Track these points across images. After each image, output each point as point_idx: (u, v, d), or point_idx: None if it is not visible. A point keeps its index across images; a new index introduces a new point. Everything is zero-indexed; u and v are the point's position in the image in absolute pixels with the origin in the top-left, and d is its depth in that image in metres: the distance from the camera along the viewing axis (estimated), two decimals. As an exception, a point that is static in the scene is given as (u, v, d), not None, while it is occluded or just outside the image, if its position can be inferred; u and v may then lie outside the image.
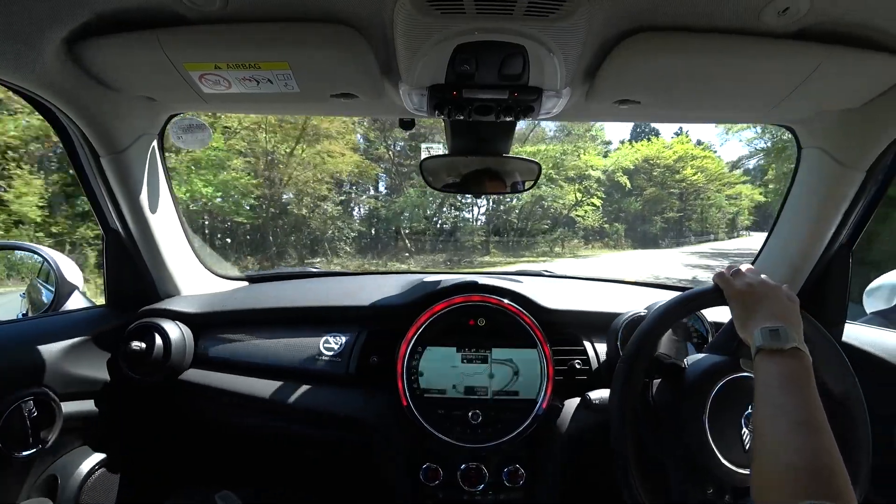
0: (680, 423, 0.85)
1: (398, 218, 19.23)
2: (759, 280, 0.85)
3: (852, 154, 1.08)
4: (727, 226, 30.86)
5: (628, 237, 25.46)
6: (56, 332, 1.13)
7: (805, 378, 0.69)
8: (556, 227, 21.91)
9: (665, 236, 26.82)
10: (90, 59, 0.87)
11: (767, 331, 0.74)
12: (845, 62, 0.83)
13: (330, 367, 1.24)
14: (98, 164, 1.12)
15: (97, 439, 1.20)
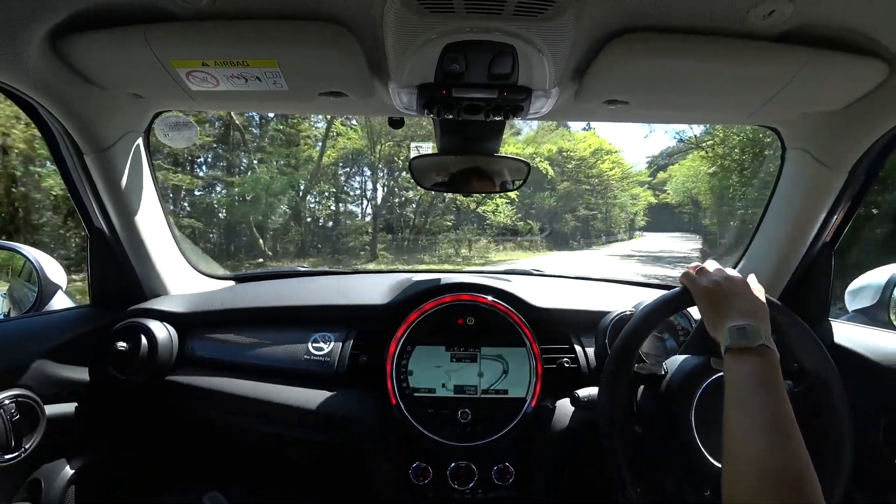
0: (667, 428, 0.85)
1: (245, 207, 14.13)
2: (724, 276, 0.85)
3: (835, 155, 1.10)
4: (627, 226, 30.54)
5: (543, 238, 23.00)
6: (39, 333, 1.11)
7: (773, 377, 0.70)
8: (461, 225, 19.27)
9: (575, 236, 25.20)
10: (75, 55, 0.86)
11: (735, 329, 0.74)
12: (828, 65, 0.84)
13: (318, 367, 1.23)
14: (82, 161, 1.11)
15: (82, 442, 1.18)
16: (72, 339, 1.15)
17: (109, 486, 1.25)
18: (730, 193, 14.49)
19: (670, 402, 0.86)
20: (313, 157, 16.53)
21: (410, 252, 17.35)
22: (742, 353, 0.72)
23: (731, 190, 14.44)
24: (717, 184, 17.20)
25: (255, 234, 14.50)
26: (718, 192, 17.18)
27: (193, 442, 1.44)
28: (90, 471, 1.17)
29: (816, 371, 0.86)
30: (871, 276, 1.37)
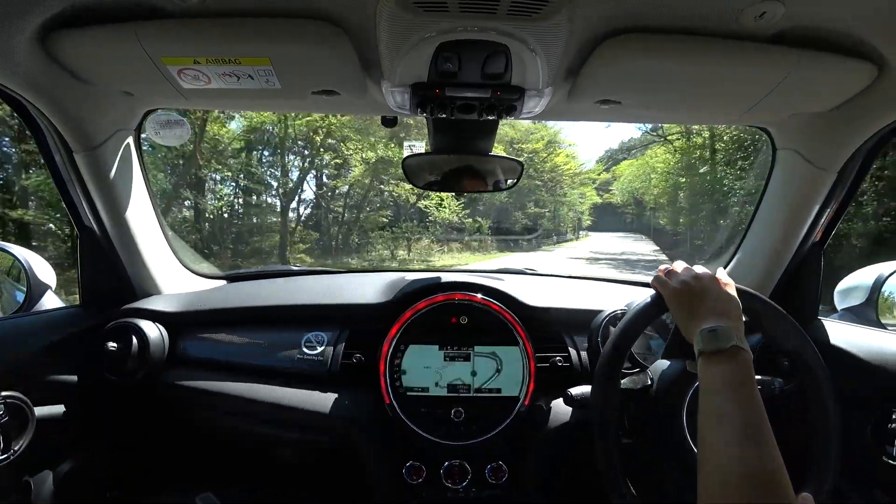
0: (660, 433, 0.86)
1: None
2: (692, 275, 0.84)
3: (824, 156, 1.11)
4: (574, 225, 29.38)
5: (493, 237, 20.18)
6: (27, 333, 1.10)
7: (746, 380, 0.69)
8: (399, 222, 16.58)
9: (524, 236, 22.66)
10: (64, 52, 0.85)
11: (707, 332, 0.74)
12: (818, 66, 0.85)
13: (311, 367, 1.23)
14: (71, 159, 1.09)
15: (72, 443, 1.17)
16: (62, 339, 1.14)
17: (100, 487, 1.24)
18: (706, 187, 14.16)
19: (660, 410, 0.87)
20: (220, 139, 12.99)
21: (337, 254, 14.92)
22: (714, 356, 0.72)
23: (708, 184, 14.08)
24: (683, 181, 16.85)
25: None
26: (686, 188, 16.74)
27: (186, 443, 1.43)
28: (81, 472, 1.17)
29: (797, 352, 0.87)
30: (860, 275, 1.39)
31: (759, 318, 0.89)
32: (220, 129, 13.01)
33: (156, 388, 1.24)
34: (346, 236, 15.77)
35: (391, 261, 15.11)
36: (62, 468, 1.13)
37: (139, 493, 1.35)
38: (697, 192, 14.96)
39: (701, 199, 14.85)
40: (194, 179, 12.71)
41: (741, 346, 0.72)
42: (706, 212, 14.26)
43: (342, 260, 14.55)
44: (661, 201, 20.36)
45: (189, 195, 12.71)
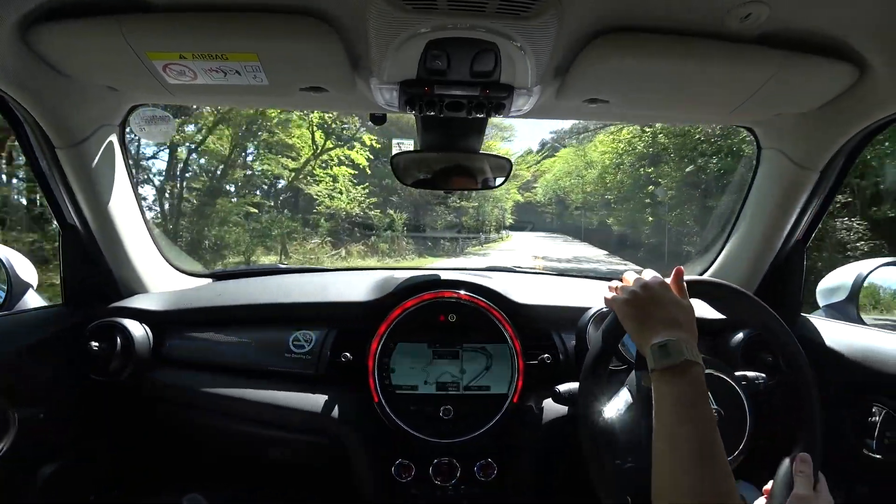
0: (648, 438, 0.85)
1: None
2: (641, 284, 0.82)
3: (808, 155, 1.13)
4: (497, 224, 26.60)
5: (409, 237, 16.32)
6: (8, 333, 1.08)
7: (698, 398, 0.69)
8: (275, 212, 12.96)
9: (447, 234, 18.74)
10: (46, 45, 0.83)
11: (657, 347, 0.72)
12: (802, 67, 0.87)
13: (299, 366, 1.22)
14: (54, 155, 1.07)
15: (55, 445, 1.15)
16: (44, 339, 1.12)
17: (84, 489, 1.23)
18: (673, 182, 13.11)
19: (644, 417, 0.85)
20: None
21: (197, 250, 10.49)
22: (666, 373, 0.71)
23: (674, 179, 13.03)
24: (626, 178, 15.93)
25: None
26: (629, 185, 15.80)
27: (172, 443, 1.41)
28: (64, 474, 1.15)
29: (763, 329, 0.88)
30: (841, 272, 1.41)
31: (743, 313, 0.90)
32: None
33: (141, 388, 1.22)
34: (197, 232, 10.84)
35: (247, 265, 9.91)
36: (45, 470, 1.11)
37: (124, 495, 1.33)
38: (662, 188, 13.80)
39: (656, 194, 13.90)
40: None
41: (692, 359, 0.71)
42: (667, 209, 13.51)
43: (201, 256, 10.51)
44: (609, 198, 18.79)
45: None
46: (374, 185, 15.67)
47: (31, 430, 1.05)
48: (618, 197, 17.73)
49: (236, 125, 11.37)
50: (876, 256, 1.45)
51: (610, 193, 18.41)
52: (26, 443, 1.03)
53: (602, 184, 18.80)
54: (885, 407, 1.03)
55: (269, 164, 12.65)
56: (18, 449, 1.01)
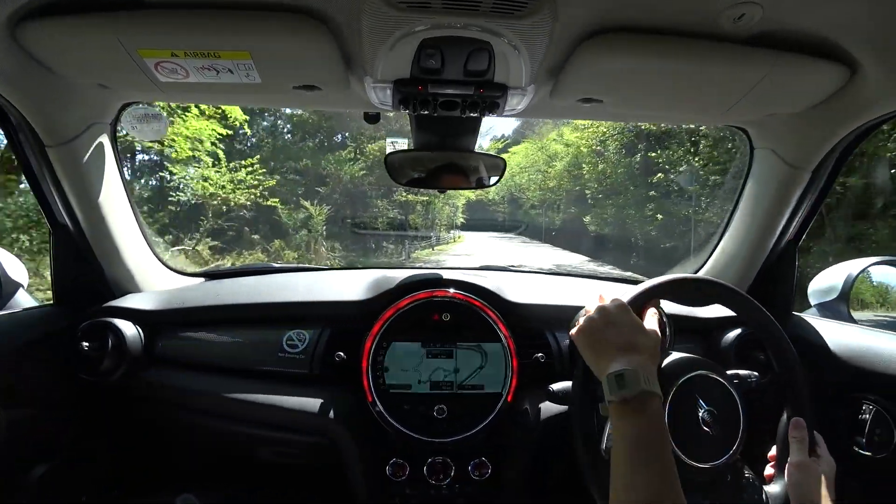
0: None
1: None
2: (597, 308, 0.80)
3: (800, 155, 1.14)
4: (448, 224, 23.62)
5: (333, 239, 13.00)
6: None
7: (654, 435, 0.67)
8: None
9: (391, 233, 15.18)
10: (36, 42, 0.82)
11: (613, 378, 0.70)
12: (794, 68, 0.87)
13: (293, 365, 1.21)
14: (44, 154, 1.06)
15: (47, 446, 1.14)
16: (34, 339, 1.11)
17: (76, 490, 1.21)
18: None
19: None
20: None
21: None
22: (622, 406, 0.68)
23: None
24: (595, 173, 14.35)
25: None
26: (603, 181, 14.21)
27: (165, 444, 1.41)
28: (55, 475, 1.14)
29: (754, 326, 0.88)
30: (833, 271, 1.43)
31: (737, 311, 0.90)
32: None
33: (133, 389, 1.21)
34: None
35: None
36: (36, 471, 1.10)
37: (117, 496, 1.32)
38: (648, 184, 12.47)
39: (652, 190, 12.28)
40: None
41: (650, 389, 0.68)
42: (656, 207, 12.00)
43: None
44: (586, 192, 16.24)
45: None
46: (279, 163, 11.92)
47: (22, 431, 1.04)
48: (600, 191, 15.50)
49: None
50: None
51: (588, 188, 16.26)
52: (17, 444, 1.02)
53: (570, 177, 17.15)
54: (876, 405, 1.04)
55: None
56: (9, 450, 1.00)
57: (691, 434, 0.80)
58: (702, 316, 1.30)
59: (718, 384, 0.84)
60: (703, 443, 0.81)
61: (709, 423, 0.80)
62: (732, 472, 0.85)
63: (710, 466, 0.80)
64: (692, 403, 0.83)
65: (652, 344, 0.76)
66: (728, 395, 0.84)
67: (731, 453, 0.81)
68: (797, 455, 0.79)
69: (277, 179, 12.16)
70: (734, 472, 0.85)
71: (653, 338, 0.77)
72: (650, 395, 0.68)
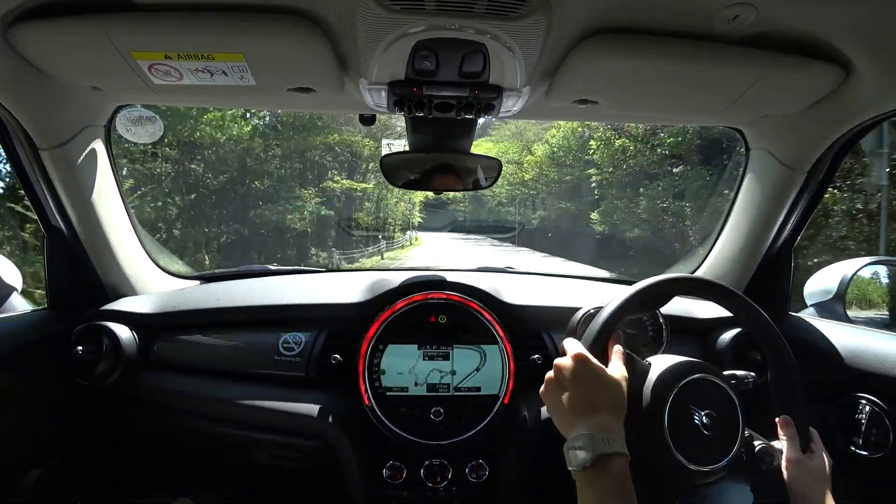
0: (643, 451, 0.84)
1: None
2: (554, 366, 0.77)
3: (795, 156, 1.15)
4: (403, 224, 22.37)
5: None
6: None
7: (621, 498, 0.63)
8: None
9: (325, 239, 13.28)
10: (28, 45, 0.82)
11: (569, 447, 0.68)
12: (789, 69, 0.88)
13: (289, 368, 1.21)
14: (37, 157, 1.05)
15: (42, 449, 1.13)
16: (28, 343, 1.10)
17: (71, 493, 1.21)
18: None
19: (645, 427, 0.82)
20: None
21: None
22: (584, 474, 0.65)
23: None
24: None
25: None
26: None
27: (160, 447, 1.40)
28: (51, 479, 1.13)
29: (751, 326, 0.88)
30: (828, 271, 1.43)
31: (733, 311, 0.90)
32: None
33: (129, 392, 1.20)
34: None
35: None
36: (33, 474, 1.09)
37: (114, 498, 1.32)
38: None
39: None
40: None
41: (610, 450, 0.64)
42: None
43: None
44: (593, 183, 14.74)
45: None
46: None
47: (18, 434, 1.04)
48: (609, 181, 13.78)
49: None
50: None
51: (599, 174, 14.01)
52: (13, 446, 1.02)
53: (553, 166, 15.23)
54: (872, 405, 1.04)
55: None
56: (5, 453, 0.99)
57: (691, 438, 0.79)
58: (698, 316, 1.30)
59: (716, 386, 0.84)
60: (704, 446, 0.80)
61: (708, 425, 0.80)
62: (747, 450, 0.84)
63: (711, 469, 0.79)
64: (691, 407, 0.82)
65: (614, 396, 0.72)
66: (726, 397, 0.84)
67: (731, 456, 0.81)
68: (791, 452, 0.80)
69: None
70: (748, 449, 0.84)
71: (614, 388, 0.73)
72: (612, 455, 0.64)
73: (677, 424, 0.79)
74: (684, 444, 0.78)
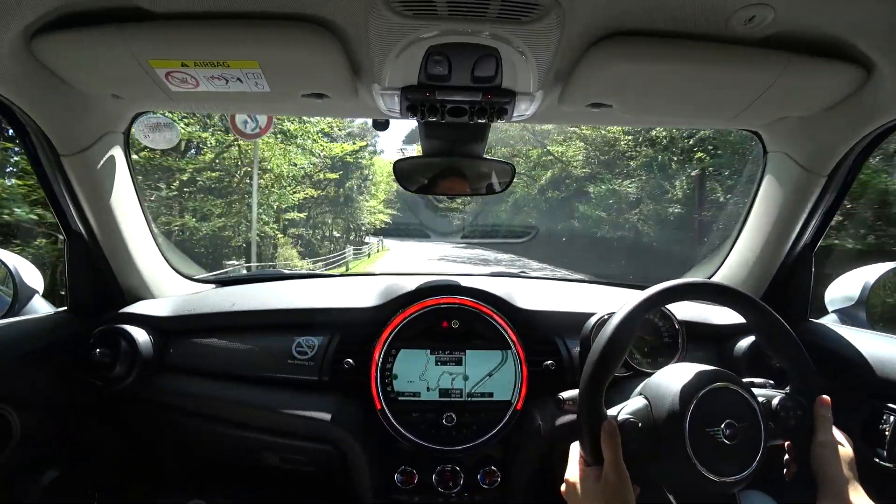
0: (661, 462, 0.81)
1: None
2: (566, 481, 0.80)
3: (815, 158, 1.12)
4: (367, 228, 21.23)
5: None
6: (13, 339, 1.08)
7: None
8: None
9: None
10: (50, 55, 0.84)
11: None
12: (808, 70, 0.86)
13: (302, 372, 1.22)
14: (59, 163, 1.08)
15: (57, 452, 1.15)
16: (48, 345, 1.12)
17: (87, 494, 1.23)
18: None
19: (661, 441, 0.80)
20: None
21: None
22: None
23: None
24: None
25: None
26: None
27: (174, 449, 1.41)
28: (67, 480, 1.15)
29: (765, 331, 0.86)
30: (850, 277, 1.40)
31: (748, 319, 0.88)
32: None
33: (145, 394, 1.22)
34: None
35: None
36: (48, 476, 1.11)
37: (129, 500, 1.33)
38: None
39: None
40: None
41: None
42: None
43: None
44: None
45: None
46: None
47: (34, 435, 1.05)
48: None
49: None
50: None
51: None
52: (30, 447, 1.03)
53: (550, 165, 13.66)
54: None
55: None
56: (22, 453, 1.01)
57: (712, 448, 0.77)
58: (715, 322, 1.28)
59: (737, 395, 0.82)
60: (725, 456, 0.77)
61: (729, 435, 0.78)
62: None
63: (734, 480, 0.77)
64: (712, 417, 0.79)
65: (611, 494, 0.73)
66: (747, 405, 0.82)
67: (755, 465, 0.79)
68: (823, 434, 0.77)
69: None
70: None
71: (614, 498, 0.73)
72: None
73: (698, 436, 0.77)
74: (704, 455, 0.76)
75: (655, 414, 0.81)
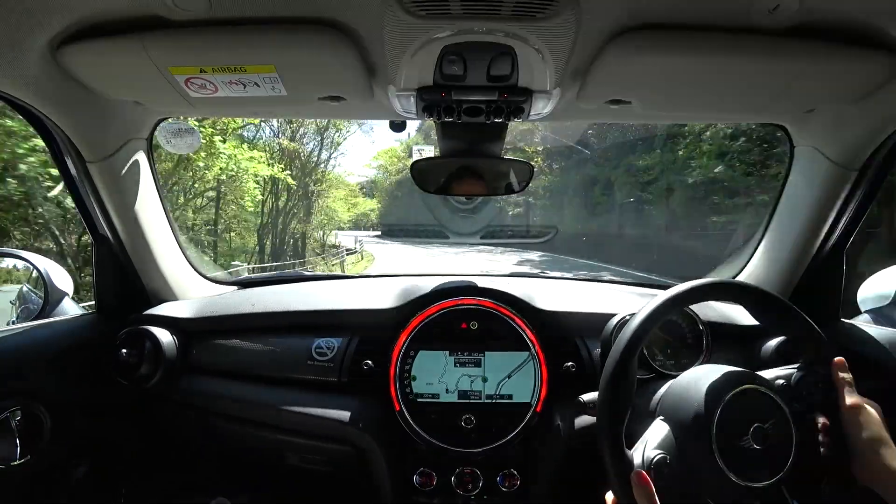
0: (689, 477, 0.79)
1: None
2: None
3: (845, 152, 1.07)
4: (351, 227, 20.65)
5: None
6: (44, 340, 1.12)
7: None
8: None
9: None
10: (75, 64, 0.86)
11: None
12: (837, 59, 0.82)
13: (321, 373, 1.22)
14: (85, 169, 1.11)
15: (86, 449, 1.18)
16: (77, 346, 1.16)
17: (114, 492, 1.26)
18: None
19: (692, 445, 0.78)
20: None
21: None
22: None
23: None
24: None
25: None
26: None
27: (198, 448, 1.44)
28: (94, 478, 1.18)
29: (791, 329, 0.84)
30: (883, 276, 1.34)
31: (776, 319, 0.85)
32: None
33: (169, 394, 1.25)
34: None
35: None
36: (76, 473, 1.14)
37: (152, 498, 1.36)
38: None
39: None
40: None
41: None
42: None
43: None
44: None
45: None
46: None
47: (63, 433, 1.08)
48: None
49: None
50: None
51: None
52: (58, 445, 1.06)
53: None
54: None
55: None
56: (51, 451, 1.04)
57: (741, 452, 0.74)
58: (741, 322, 1.24)
59: (766, 397, 0.79)
60: (755, 461, 0.75)
61: (759, 439, 0.75)
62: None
63: (763, 486, 0.75)
64: (740, 420, 0.76)
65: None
66: (777, 408, 0.79)
67: (786, 470, 0.76)
68: (850, 397, 0.75)
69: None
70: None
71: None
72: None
73: (726, 438, 0.74)
74: (733, 460, 0.74)
75: (679, 436, 0.79)
